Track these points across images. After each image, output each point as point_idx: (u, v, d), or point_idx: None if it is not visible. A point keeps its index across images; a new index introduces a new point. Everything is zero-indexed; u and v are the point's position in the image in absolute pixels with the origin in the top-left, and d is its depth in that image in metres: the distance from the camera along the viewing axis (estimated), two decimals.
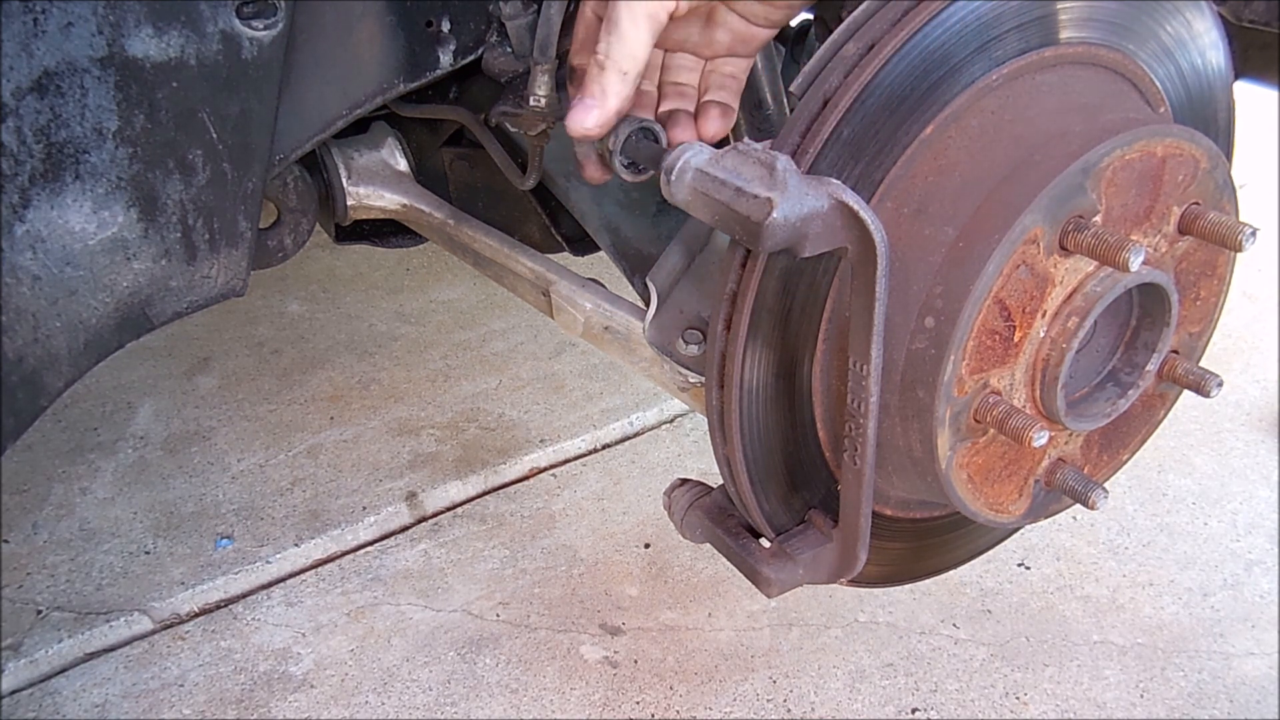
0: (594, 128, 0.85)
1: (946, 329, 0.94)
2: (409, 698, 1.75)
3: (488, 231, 1.39)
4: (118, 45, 0.76)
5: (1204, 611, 1.92)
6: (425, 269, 3.04)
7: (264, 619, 1.91)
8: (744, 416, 1.02)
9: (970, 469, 1.05)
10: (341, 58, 0.94)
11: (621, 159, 0.95)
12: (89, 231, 0.81)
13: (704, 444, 2.35)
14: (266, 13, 0.81)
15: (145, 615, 1.90)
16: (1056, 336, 1.00)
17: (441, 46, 1.01)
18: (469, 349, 2.69)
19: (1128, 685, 1.78)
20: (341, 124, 0.97)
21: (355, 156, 1.43)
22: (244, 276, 0.92)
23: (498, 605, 1.93)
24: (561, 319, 1.29)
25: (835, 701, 1.74)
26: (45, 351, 0.82)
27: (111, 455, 2.29)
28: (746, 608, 1.92)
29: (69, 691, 1.77)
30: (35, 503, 2.14)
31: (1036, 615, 1.91)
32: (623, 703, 1.74)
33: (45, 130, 0.76)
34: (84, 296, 0.83)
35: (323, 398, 2.49)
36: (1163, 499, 2.19)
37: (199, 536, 2.07)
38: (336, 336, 2.74)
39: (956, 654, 1.83)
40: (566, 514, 2.16)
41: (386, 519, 2.13)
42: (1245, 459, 2.31)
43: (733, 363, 1.00)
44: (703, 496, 1.17)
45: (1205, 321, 1.16)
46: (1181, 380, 1.14)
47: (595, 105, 0.83)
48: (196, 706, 1.74)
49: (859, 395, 0.95)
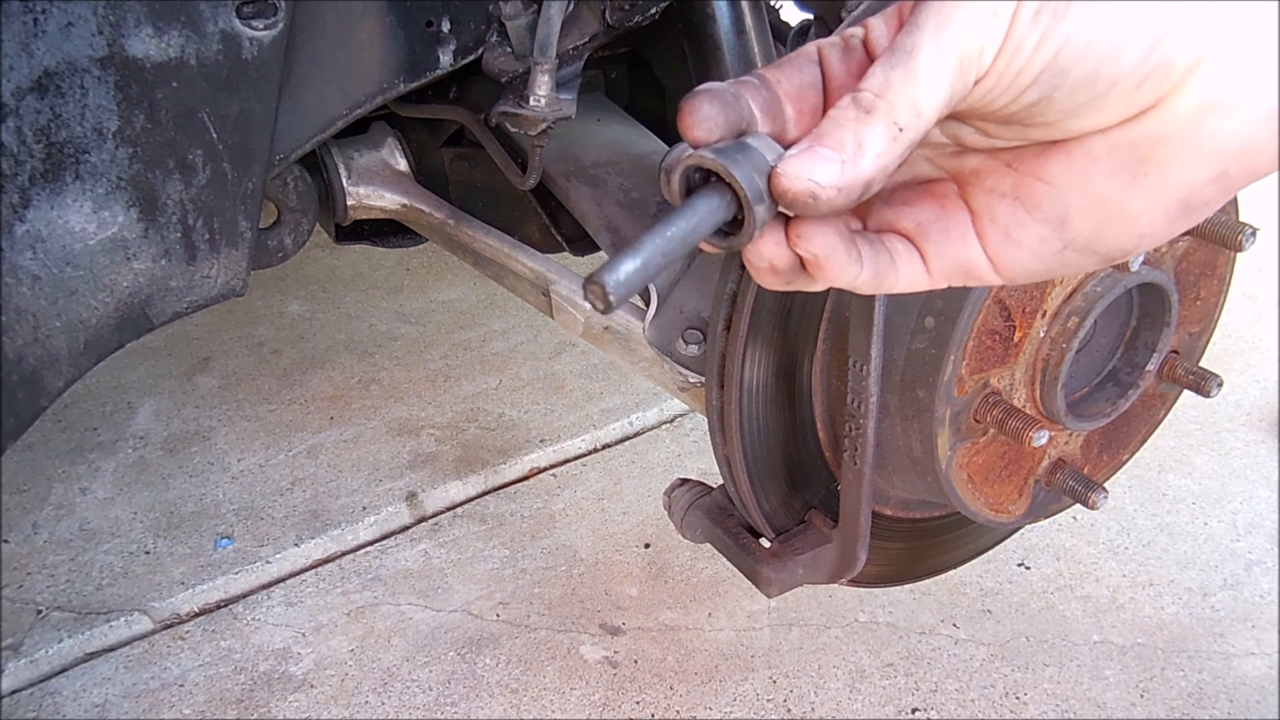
0: (828, 190, 0.47)
1: (946, 329, 0.94)
2: (409, 698, 1.75)
3: (488, 231, 1.39)
4: (118, 45, 0.76)
5: (1204, 611, 1.92)
6: (425, 269, 3.04)
7: (264, 619, 1.91)
8: (744, 416, 1.03)
9: (970, 469, 1.05)
10: (341, 58, 0.94)
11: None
12: (89, 231, 0.81)
13: (704, 444, 2.35)
14: (266, 13, 0.81)
15: (145, 615, 1.90)
16: (1056, 336, 1.00)
17: (441, 46, 1.01)
18: (469, 349, 2.69)
19: (1128, 685, 1.77)
20: (341, 124, 0.97)
21: (355, 156, 1.43)
22: (244, 276, 0.92)
23: (498, 605, 1.93)
24: (561, 319, 1.29)
25: (835, 701, 1.74)
26: (45, 351, 0.82)
27: (111, 455, 2.29)
28: (746, 608, 1.92)
29: (69, 691, 1.77)
30: (35, 503, 2.14)
31: (1036, 615, 1.91)
32: (623, 703, 1.74)
33: (45, 130, 0.76)
34: (84, 296, 0.83)
35: (323, 398, 2.49)
36: (1163, 499, 2.19)
37: (199, 536, 2.06)
38: (336, 336, 2.74)
39: (956, 654, 1.83)
40: (566, 514, 2.16)
41: (386, 519, 2.13)
42: (1245, 459, 2.31)
43: (733, 363, 1.00)
44: (703, 496, 1.17)
45: (1205, 321, 1.16)
46: (1181, 380, 1.14)
47: (838, 159, 0.47)
48: (196, 706, 1.74)
49: (859, 395, 0.95)
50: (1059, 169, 0.50)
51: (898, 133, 0.47)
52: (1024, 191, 0.52)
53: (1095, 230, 0.51)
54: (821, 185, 0.47)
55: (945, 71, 0.47)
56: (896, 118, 0.47)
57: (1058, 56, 0.46)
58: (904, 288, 0.55)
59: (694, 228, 0.48)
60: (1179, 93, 0.47)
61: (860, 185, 0.48)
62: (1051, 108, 0.48)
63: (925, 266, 0.54)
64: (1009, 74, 0.47)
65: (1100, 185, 0.50)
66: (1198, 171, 0.48)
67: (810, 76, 0.52)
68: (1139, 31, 0.46)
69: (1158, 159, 0.48)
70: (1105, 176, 0.49)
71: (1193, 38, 0.46)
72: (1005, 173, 0.52)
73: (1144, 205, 0.50)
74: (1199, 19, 0.46)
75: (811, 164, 0.47)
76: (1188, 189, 0.49)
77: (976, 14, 0.46)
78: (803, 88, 0.52)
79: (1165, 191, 0.49)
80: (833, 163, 0.47)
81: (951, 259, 0.54)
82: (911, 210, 0.55)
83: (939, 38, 0.47)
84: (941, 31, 0.47)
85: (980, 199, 0.53)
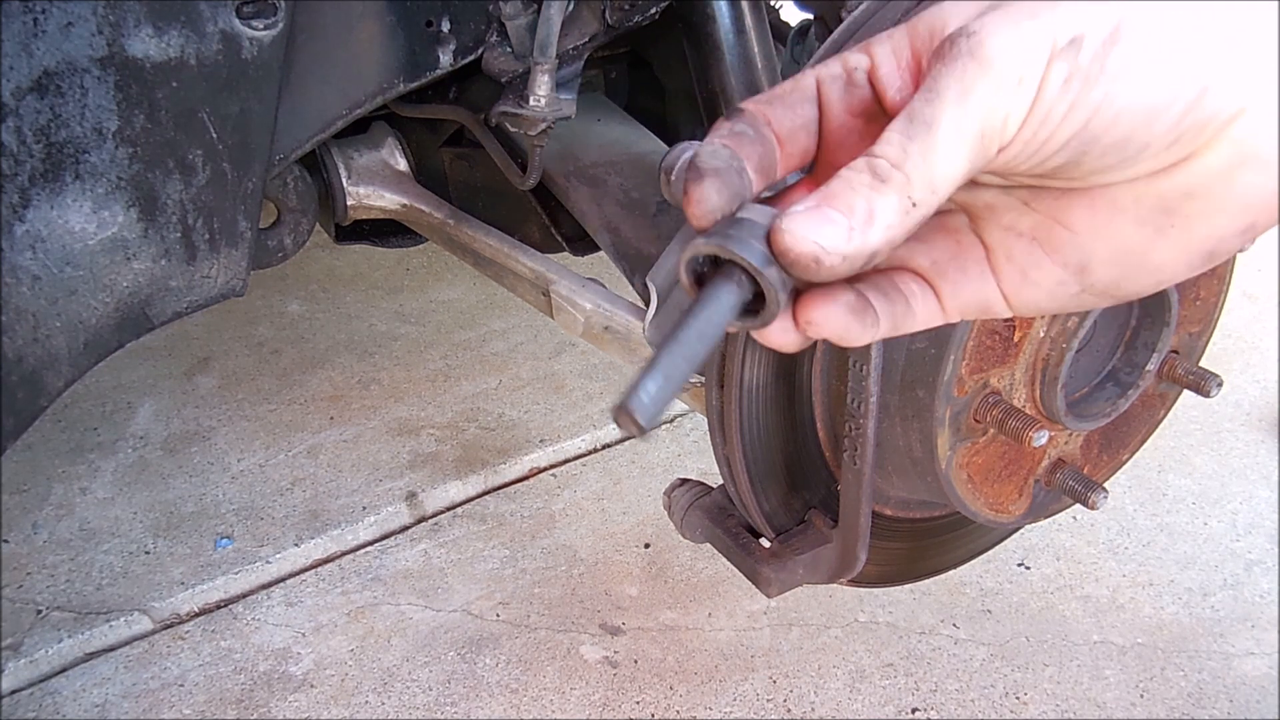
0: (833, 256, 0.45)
1: (946, 329, 0.94)
2: (409, 698, 1.75)
3: (488, 231, 1.39)
4: (118, 45, 0.76)
5: (1204, 611, 1.92)
6: (425, 269, 3.04)
7: (264, 619, 1.91)
8: (744, 416, 1.03)
9: (970, 469, 1.05)
10: (341, 58, 0.94)
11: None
12: (89, 231, 0.81)
13: (704, 444, 2.35)
14: (266, 13, 0.81)
15: (145, 615, 1.90)
16: (1056, 336, 1.00)
17: (441, 46, 1.01)
18: (469, 349, 2.69)
19: (1128, 685, 1.77)
20: (341, 124, 0.97)
21: (355, 156, 1.43)
22: (244, 276, 0.92)
23: (498, 605, 1.93)
24: (561, 319, 1.29)
25: (835, 701, 1.74)
26: (45, 351, 0.82)
27: (111, 455, 2.29)
28: (746, 608, 1.92)
29: (69, 691, 1.77)
30: (35, 503, 2.14)
31: (1036, 615, 1.91)
32: (623, 703, 1.74)
33: (45, 130, 0.76)
34: (84, 296, 0.83)
35: (323, 398, 2.49)
36: (1163, 499, 2.19)
37: (199, 536, 2.06)
38: (336, 336, 2.74)
39: (956, 654, 1.83)
40: (566, 514, 2.16)
41: (386, 519, 2.13)
42: (1245, 459, 2.31)
43: (733, 363, 1.00)
44: (703, 496, 1.17)
45: (1205, 321, 1.16)
46: (1181, 380, 1.14)
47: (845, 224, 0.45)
48: (196, 706, 1.74)
49: (859, 395, 0.95)
50: (1082, 216, 0.48)
51: (910, 207, 0.45)
52: (1043, 234, 0.49)
53: (1117, 278, 0.49)
54: (827, 250, 0.44)
55: (965, 147, 0.44)
56: (911, 192, 0.44)
57: (1089, 124, 0.44)
58: (920, 328, 0.53)
59: (712, 319, 0.45)
60: (1211, 148, 0.45)
61: (866, 255, 0.45)
62: (1077, 169, 0.46)
63: (940, 305, 0.52)
64: (1035, 143, 0.45)
65: (1125, 236, 0.48)
66: (1226, 225, 0.47)
67: (805, 117, 0.50)
68: (1176, 93, 0.43)
69: (1185, 212, 0.46)
70: (1130, 227, 0.47)
71: (1234, 91, 0.43)
72: (1023, 211, 0.50)
73: (1169, 257, 0.48)
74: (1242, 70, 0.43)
75: (818, 226, 0.44)
76: (1214, 241, 0.47)
77: (1001, 82, 0.43)
78: (794, 130, 0.50)
79: (1191, 244, 0.47)
80: (840, 227, 0.44)
81: (969, 298, 0.52)
82: (925, 247, 0.52)
83: (960, 110, 0.43)
84: (963, 102, 0.43)
85: (996, 236, 0.51)
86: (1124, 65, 0.43)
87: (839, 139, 0.50)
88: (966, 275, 0.52)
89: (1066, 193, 0.48)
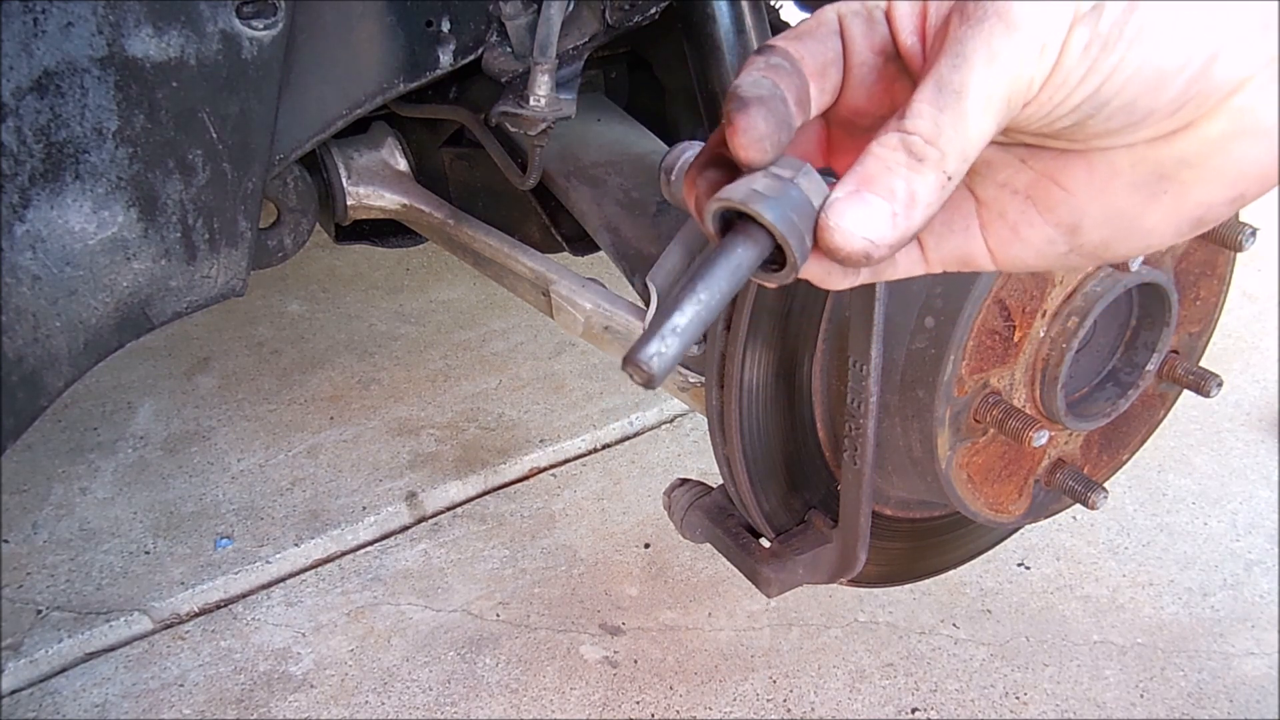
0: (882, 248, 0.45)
1: (946, 329, 0.94)
2: (409, 698, 1.75)
3: (488, 231, 1.39)
4: (118, 45, 0.76)
5: (1204, 611, 1.92)
6: (425, 269, 3.04)
7: (264, 619, 1.91)
8: (744, 416, 1.03)
9: (970, 469, 1.05)
10: (341, 58, 0.94)
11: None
12: (89, 231, 0.81)
13: (704, 444, 2.35)
14: (266, 13, 0.81)
15: (145, 615, 1.90)
16: (1056, 336, 1.00)
17: (441, 46, 1.01)
18: (469, 349, 2.69)
19: (1128, 685, 1.77)
20: (341, 124, 0.97)
21: (355, 156, 1.43)
22: (244, 276, 0.92)
23: (498, 605, 1.93)
24: (561, 319, 1.29)
25: (835, 701, 1.74)
26: (45, 351, 0.82)
27: (111, 455, 2.29)
28: (746, 608, 1.92)
29: (69, 691, 1.77)
30: (35, 503, 2.14)
31: (1036, 615, 1.91)
32: (623, 703, 1.74)
33: (45, 130, 0.76)
34: (84, 296, 0.83)
35: (323, 398, 2.49)
36: (1163, 499, 2.19)
37: (199, 536, 2.06)
38: (336, 336, 2.74)
39: (956, 654, 1.83)
40: (566, 514, 2.16)
41: (386, 519, 2.13)
42: (1245, 459, 2.31)
43: (733, 363, 1.00)
44: (703, 496, 1.17)
45: (1205, 321, 1.16)
46: (1181, 380, 1.14)
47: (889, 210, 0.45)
48: (196, 706, 1.74)
49: (859, 395, 0.95)
50: (1078, 177, 0.49)
51: (946, 181, 0.45)
52: (1038, 192, 0.50)
53: (1106, 239, 0.50)
54: (876, 244, 0.44)
55: (994, 112, 0.44)
56: (947, 167, 0.45)
57: (1100, 89, 0.44)
58: (900, 276, 0.54)
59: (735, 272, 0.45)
60: (1211, 117, 0.45)
61: (910, 237, 0.46)
62: (1082, 132, 0.47)
63: (923, 255, 0.53)
64: (1048, 104, 0.45)
65: (1119, 199, 0.49)
66: (1217, 193, 0.48)
67: (833, 51, 0.50)
68: (1187, 58, 0.44)
69: (1180, 178, 0.47)
70: (1125, 191, 0.48)
71: (1242, 59, 0.44)
72: (1019, 168, 0.50)
73: (1159, 221, 0.49)
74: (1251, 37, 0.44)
75: (864, 218, 0.44)
76: (1204, 208, 0.48)
77: (1026, 47, 0.43)
78: (825, 64, 0.50)
79: (1181, 210, 0.48)
80: (884, 214, 0.44)
81: (952, 250, 0.53)
82: None
83: (989, 75, 0.43)
84: (991, 66, 0.43)
85: (990, 191, 0.51)
86: (1139, 31, 0.43)
87: (860, 76, 0.50)
88: (952, 228, 0.52)
89: (1065, 153, 0.49)
